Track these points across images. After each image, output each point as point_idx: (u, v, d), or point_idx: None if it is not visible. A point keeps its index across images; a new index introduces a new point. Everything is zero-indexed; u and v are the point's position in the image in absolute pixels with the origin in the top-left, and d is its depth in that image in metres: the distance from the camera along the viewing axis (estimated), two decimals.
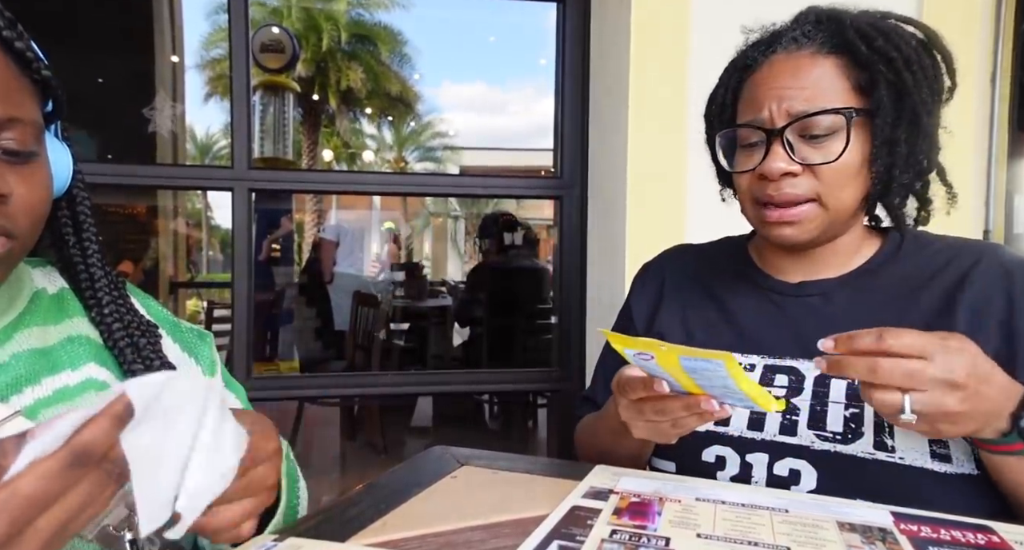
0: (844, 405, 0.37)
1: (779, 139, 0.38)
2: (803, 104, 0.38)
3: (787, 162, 0.38)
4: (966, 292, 0.38)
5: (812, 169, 0.38)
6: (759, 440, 0.38)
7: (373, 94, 8.66)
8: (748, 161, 0.40)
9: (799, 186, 0.38)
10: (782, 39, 0.40)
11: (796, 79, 0.38)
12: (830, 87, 0.38)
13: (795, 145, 0.38)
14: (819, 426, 0.37)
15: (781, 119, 0.38)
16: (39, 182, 0.31)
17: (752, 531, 0.28)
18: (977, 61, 0.89)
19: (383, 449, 1.90)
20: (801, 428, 0.38)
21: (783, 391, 0.39)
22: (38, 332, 0.33)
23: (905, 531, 0.28)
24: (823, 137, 0.38)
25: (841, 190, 0.39)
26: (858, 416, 0.37)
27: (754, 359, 0.42)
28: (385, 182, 1.10)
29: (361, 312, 2.13)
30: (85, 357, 0.34)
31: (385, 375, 1.29)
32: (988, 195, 0.91)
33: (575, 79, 0.96)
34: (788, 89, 0.38)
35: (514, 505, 0.32)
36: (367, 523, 0.30)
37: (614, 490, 0.34)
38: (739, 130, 0.41)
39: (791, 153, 0.38)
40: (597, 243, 0.95)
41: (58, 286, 0.36)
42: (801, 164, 0.38)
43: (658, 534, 0.28)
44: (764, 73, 0.40)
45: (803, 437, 0.37)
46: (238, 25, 0.88)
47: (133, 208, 2.96)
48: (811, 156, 0.38)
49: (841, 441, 0.36)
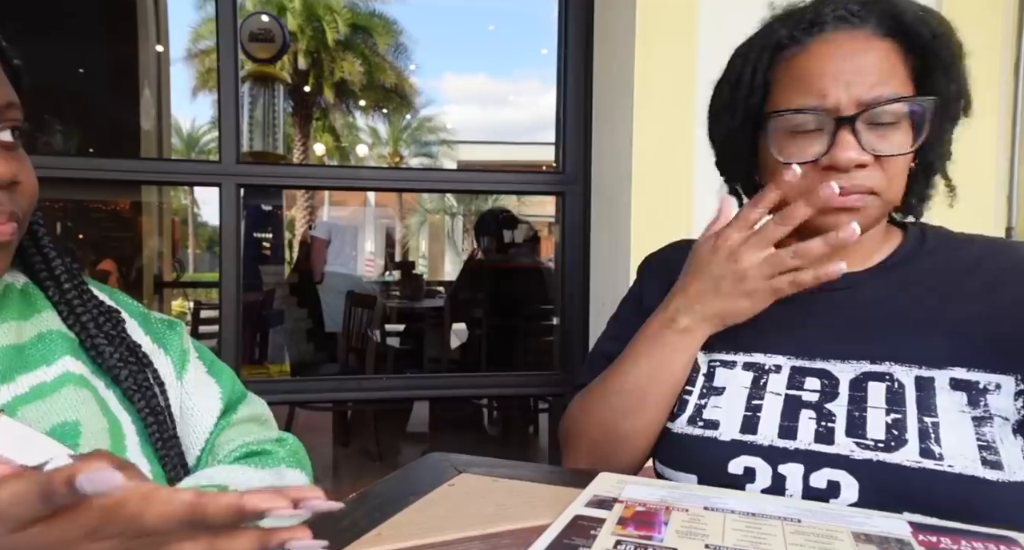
0: (884, 410, 0.34)
1: (849, 127, 0.35)
2: (870, 91, 0.35)
3: (859, 152, 0.35)
4: (1009, 290, 0.36)
5: (879, 160, 0.35)
6: (792, 450, 0.35)
7: (368, 86, 8.55)
8: (805, 150, 0.36)
9: (868, 178, 0.36)
10: (826, 17, 0.36)
11: (859, 62, 0.35)
12: (891, 73, 0.35)
13: (862, 134, 0.35)
14: (858, 433, 0.34)
15: (850, 106, 0.35)
16: (31, 168, 0.32)
17: (763, 542, 0.28)
18: (1001, 51, 0.87)
19: (378, 456, 1.88)
20: (839, 436, 0.35)
21: (815, 396, 0.36)
22: (14, 327, 0.33)
23: (924, 542, 0.28)
24: (887, 126, 0.35)
25: (896, 183, 0.37)
26: (900, 422, 0.34)
27: (779, 360, 0.38)
28: (380, 177, 1.07)
29: (354, 313, 2.10)
30: (59, 351, 0.33)
31: (380, 379, 1.27)
32: (1011, 190, 0.89)
33: (578, 70, 0.94)
34: (853, 73, 0.35)
35: (514, 514, 0.32)
36: (361, 533, 0.29)
37: (618, 499, 0.33)
38: (792, 116, 0.36)
39: (860, 142, 0.35)
40: (600, 241, 0.94)
41: (22, 281, 0.36)
42: (871, 155, 0.35)
43: (664, 545, 0.27)
44: (817, 54, 0.36)
45: (841, 446, 0.35)
46: (225, 12, 0.85)
47: (116, 204, 2.89)
48: (880, 146, 0.35)
49: (884, 449, 0.34)
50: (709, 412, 0.39)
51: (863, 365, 0.37)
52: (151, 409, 0.34)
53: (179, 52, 7.53)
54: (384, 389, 1.01)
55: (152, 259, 2.90)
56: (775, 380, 0.38)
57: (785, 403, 0.37)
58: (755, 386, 0.38)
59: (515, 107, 15.22)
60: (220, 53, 0.86)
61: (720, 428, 0.38)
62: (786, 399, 0.37)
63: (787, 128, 0.37)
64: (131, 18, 2.55)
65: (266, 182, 0.99)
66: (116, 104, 2.66)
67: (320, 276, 2.41)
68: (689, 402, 0.40)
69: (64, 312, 0.34)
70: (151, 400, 0.34)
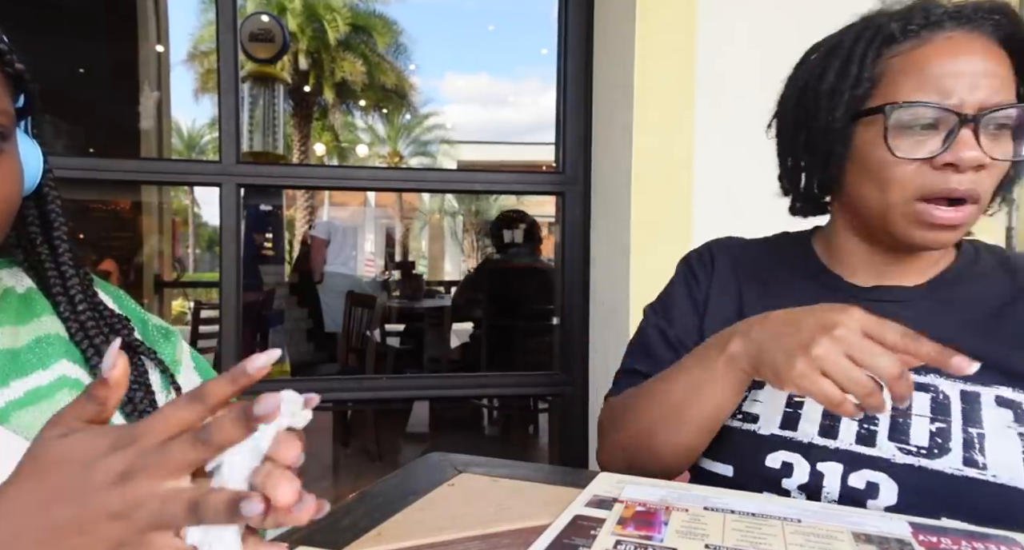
0: (929, 419, 0.34)
1: (973, 127, 0.33)
2: (994, 94, 0.34)
3: (980, 153, 0.33)
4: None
5: (990, 165, 0.34)
6: (832, 449, 0.35)
7: (368, 86, 8.53)
8: (917, 146, 0.34)
9: (979, 182, 0.34)
10: (942, 15, 0.35)
11: (983, 64, 0.34)
12: (1006, 81, 0.35)
13: (981, 137, 0.34)
14: (901, 438, 0.34)
15: (973, 107, 0.34)
16: (9, 175, 0.30)
17: (763, 542, 0.28)
18: None
19: (378, 456, 1.87)
20: (881, 439, 0.35)
21: None
22: (9, 332, 0.33)
23: (924, 543, 0.28)
24: (997, 133, 0.35)
25: (992, 191, 0.36)
26: (945, 431, 0.34)
27: None
28: (380, 177, 1.07)
29: (354, 313, 2.09)
30: (56, 355, 0.33)
31: (380, 379, 1.27)
32: None
33: (578, 70, 0.93)
34: (977, 75, 0.34)
35: (514, 514, 0.31)
36: (361, 533, 0.29)
37: (618, 499, 0.33)
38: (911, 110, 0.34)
39: (980, 144, 0.33)
40: (600, 241, 0.94)
41: (25, 286, 0.36)
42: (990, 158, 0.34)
43: (664, 545, 0.27)
44: (938, 50, 0.34)
45: (883, 449, 0.34)
46: (226, 12, 0.85)
47: (116, 204, 2.89)
48: (996, 151, 0.34)
49: (927, 455, 0.34)
50: (749, 405, 0.38)
51: None
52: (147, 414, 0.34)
53: (180, 53, 7.54)
54: (384, 389, 1.01)
55: (152, 259, 2.90)
56: None
57: None
58: None
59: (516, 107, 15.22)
60: (220, 53, 0.86)
61: (759, 422, 0.37)
62: None
63: (901, 123, 0.35)
64: (131, 18, 2.55)
65: (266, 182, 0.99)
66: (116, 104, 2.66)
67: (320, 276, 2.41)
68: None
69: (68, 317, 0.34)
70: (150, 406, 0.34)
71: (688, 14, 0.82)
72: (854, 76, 0.37)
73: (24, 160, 0.32)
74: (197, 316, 2.93)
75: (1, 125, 0.29)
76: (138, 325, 0.38)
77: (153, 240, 2.93)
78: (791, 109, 0.41)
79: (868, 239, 0.40)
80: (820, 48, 0.40)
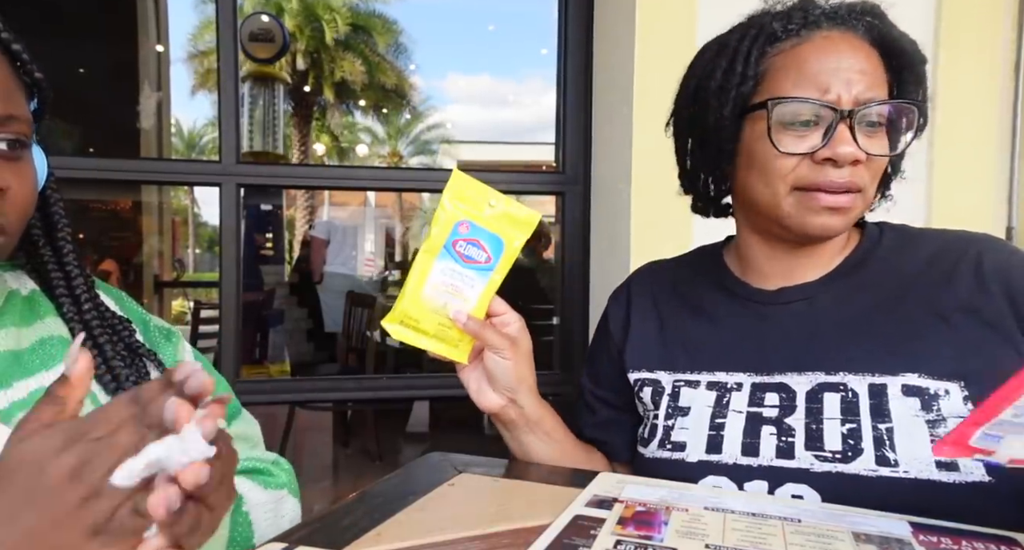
0: (840, 420, 0.35)
1: (848, 122, 0.35)
2: (868, 90, 0.35)
3: (856, 148, 0.35)
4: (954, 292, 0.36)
5: (868, 159, 0.36)
6: (756, 466, 0.36)
7: (368, 86, 8.52)
8: (797, 142, 0.36)
9: (858, 176, 0.36)
10: (819, 15, 0.37)
11: (857, 62, 0.36)
12: (879, 77, 0.36)
13: (857, 132, 0.35)
14: (816, 446, 0.35)
15: (849, 103, 0.35)
16: (29, 179, 0.32)
17: (763, 542, 0.28)
18: (1001, 51, 0.87)
19: (377, 456, 1.88)
20: (798, 450, 0.35)
21: (775, 412, 0.37)
22: (14, 333, 0.33)
23: (924, 542, 0.28)
24: (873, 128, 0.36)
25: (874, 185, 0.37)
26: (856, 431, 0.34)
27: (740, 377, 0.39)
28: (380, 177, 1.07)
29: (354, 313, 2.09)
30: (59, 357, 0.33)
31: (380, 378, 1.26)
32: (1011, 190, 0.88)
33: (578, 70, 0.94)
34: (852, 72, 0.35)
35: (514, 514, 0.31)
36: (361, 533, 0.29)
37: (618, 499, 0.33)
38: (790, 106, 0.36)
39: (856, 139, 0.35)
40: (600, 241, 0.94)
41: (29, 288, 0.36)
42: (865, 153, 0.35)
43: (664, 545, 0.27)
44: (816, 47, 0.36)
45: (802, 459, 0.35)
46: (225, 12, 0.85)
47: (116, 204, 2.89)
48: (871, 147, 0.36)
49: (841, 460, 0.34)
50: (676, 434, 0.40)
51: (818, 376, 0.37)
52: None
53: (179, 52, 7.53)
54: (384, 389, 1.01)
55: (152, 259, 2.90)
56: (737, 398, 0.39)
57: (747, 420, 0.37)
58: (718, 405, 0.39)
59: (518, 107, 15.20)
60: (220, 53, 0.86)
61: (687, 450, 0.38)
62: (748, 416, 0.37)
63: (783, 118, 0.37)
64: (131, 18, 2.55)
65: (266, 182, 0.99)
66: (116, 104, 2.66)
67: (319, 276, 2.41)
68: (658, 426, 0.41)
69: (74, 318, 0.34)
70: None
71: (688, 14, 0.82)
72: (739, 74, 0.38)
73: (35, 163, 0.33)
74: (197, 316, 2.94)
75: (22, 132, 0.31)
76: (140, 326, 0.38)
77: (153, 240, 2.93)
78: (685, 107, 0.42)
79: (769, 238, 0.41)
80: (711, 48, 0.41)
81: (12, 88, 0.31)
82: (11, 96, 0.30)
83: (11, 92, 0.30)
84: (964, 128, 0.91)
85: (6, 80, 0.30)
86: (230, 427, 0.40)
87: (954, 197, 0.88)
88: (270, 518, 0.35)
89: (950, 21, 0.87)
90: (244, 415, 0.42)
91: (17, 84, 0.31)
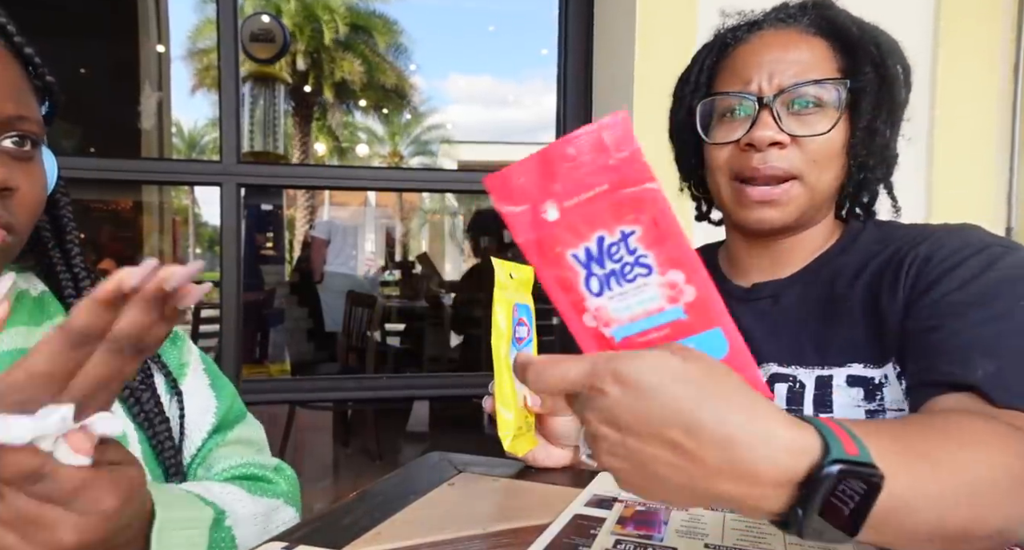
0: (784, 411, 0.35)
1: (768, 109, 0.37)
2: (792, 78, 0.37)
3: (775, 131, 0.36)
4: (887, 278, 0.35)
5: (798, 142, 0.37)
6: None
7: (368, 86, 8.52)
8: (729, 132, 0.38)
9: (785, 159, 0.37)
10: (767, 19, 0.40)
11: (785, 53, 0.38)
12: (817, 65, 0.37)
13: (783, 117, 0.37)
14: None
15: (770, 91, 0.37)
16: (38, 180, 0.32)
17: (762, 541, 0.28)
18: (1000, 51, 0.88)
19: (378, 455, 1.87)
20: None
21: None
22: (24, 332, 0.33)
23: None
24: (810, 112, 0.37)
25: (823, 170, 0.37)
26: None
27: None
28: (380, 177, 1.07)
29: (354, 313, 2.09)
30: None
31: (380, 378, 1.26)
32: (1011, 190, 0.88)
33: (578, 70, 0.94)
34: (778, 62, 0.37)
35: (514, 514, 0.32)
36: (361, 532, 0.29)
37: (618, 498, 0.33)
38: (719, 100, 0.39)
39: (779, 124, 0.37)
40: None
41: (39, 289, 0.36)
42: (789, 135, 0.37)
43: (664, 544, 0.27)
44: (750, 47, 0.39)
45: None
46: (226, 12, 0.85)
47: (116, 204, 2.89)
48: (798, 128, 0.37)
49: None
50: None
51: (771, 367, 0.38)
52: (159, 416, 0.34)
53: (179, 52, 7.53)
54: (384, 389, 1.01)
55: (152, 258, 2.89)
56: None
57: None
58: None
59: (518, 107, 15.21)
60: (221, 53, 0.86)
61: None
62: None
63: (717, 114, 0.39)
64: (131, 18, 2.55)
65: (266, 182, 0.99)
66: (117, 104, 2.66)
67: (320, 276, 2.41)
68: None
69: None
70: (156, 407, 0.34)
71: (688, 14, 0.82)
72: (693, 83, 0.42)
73: None
74: (197, 316, 2.93)
75: (34, 133, 0.31)
76: None
77: (153, 240, 2.93)
78: (672, 121, 0.45)
79: (746, 235, 0.42)
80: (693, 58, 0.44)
81: (24, 90, 0.31)
82: (23, 98, 0.31)
83: (23, 94, 0.31)
84: (963, 128, 0.91)
85: (18, 82, 0.31)
86: (233, 431, 0.40)
87: (953, 197, 0.88)
88: (258, 531, 0.34)
89: (949, 21, 0.87)
90: (248, 419, 0.42)
91: (29, 87, 0.32)
